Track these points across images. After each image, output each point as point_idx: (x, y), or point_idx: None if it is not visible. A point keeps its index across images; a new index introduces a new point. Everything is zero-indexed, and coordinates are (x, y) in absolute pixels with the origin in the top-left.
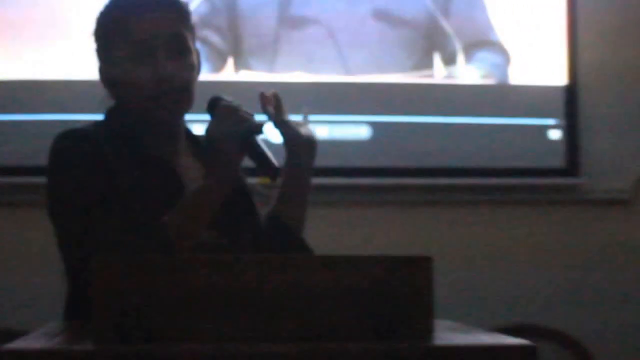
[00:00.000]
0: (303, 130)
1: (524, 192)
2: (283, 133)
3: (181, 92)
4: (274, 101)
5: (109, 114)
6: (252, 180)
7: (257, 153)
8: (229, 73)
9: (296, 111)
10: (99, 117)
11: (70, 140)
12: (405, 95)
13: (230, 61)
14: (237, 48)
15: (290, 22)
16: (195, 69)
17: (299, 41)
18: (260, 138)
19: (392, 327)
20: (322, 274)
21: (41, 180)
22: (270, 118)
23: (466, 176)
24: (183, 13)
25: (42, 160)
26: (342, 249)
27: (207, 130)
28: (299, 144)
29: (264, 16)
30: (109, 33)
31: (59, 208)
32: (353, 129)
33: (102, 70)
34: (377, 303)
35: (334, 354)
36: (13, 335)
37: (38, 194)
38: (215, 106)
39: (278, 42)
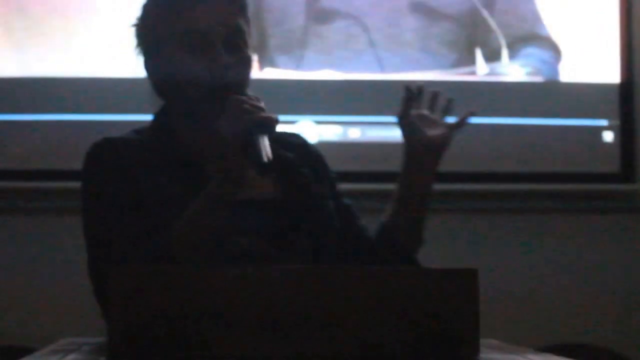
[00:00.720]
0: (433, 131)
1: (574, 199)
2: (402, 131)
3: (238, 88)
4: (411, 93)
5: (157, 116)
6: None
7: (249, 145)
8: (253, 71)
9: (325, 112)
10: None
11: (99, 149)
12: (444, 94)
13: (254, 58)
14: (261, 44)
15: (319, 15)
16: (251, 64)
17: (328, 36)
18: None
19: (436, 346)
20: (360, 288)
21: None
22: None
23: (511, 182)
24: (242, 4)
25: (65, 164)
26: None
27: (213, 127)
28: (415, 147)
29: (290, 9)
30: (159, 23)
31: (83, 217)
32: (388, 131)
33: (149, 66)
34: (418, 320)
35: None
36: (17, 351)
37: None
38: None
39: (306, 37)
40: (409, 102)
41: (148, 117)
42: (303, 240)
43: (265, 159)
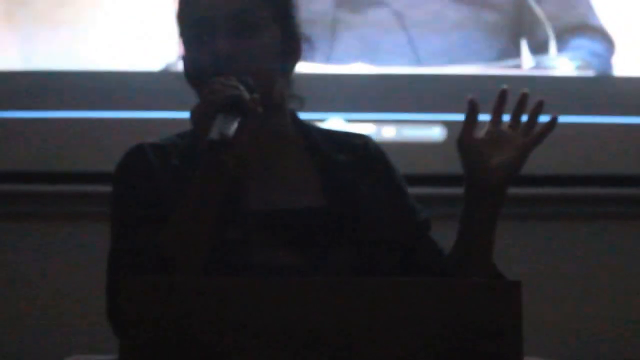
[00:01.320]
0: (501, 154)
1: (630, 204)
2: (461, 157)
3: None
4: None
5: None
6: None
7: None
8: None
9: (357, 109)
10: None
11: (130, 155)
12: (487, 89)
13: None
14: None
15: (350, 4)
16: (271, 50)
17: (360, 26)
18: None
19: None
20: (392, 301)
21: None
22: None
23: (558, 185)
24: None
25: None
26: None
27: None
28: (474, 177)
29: None
30: (179, 13)
31: (111, 222)
32: (425, 129)
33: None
34: (456, 337)
35: None
36: None
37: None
38: None
39: (336, 27)
40: (469, 119)
41: (167, 114)
42: (342, 255)
43: (216, 137)
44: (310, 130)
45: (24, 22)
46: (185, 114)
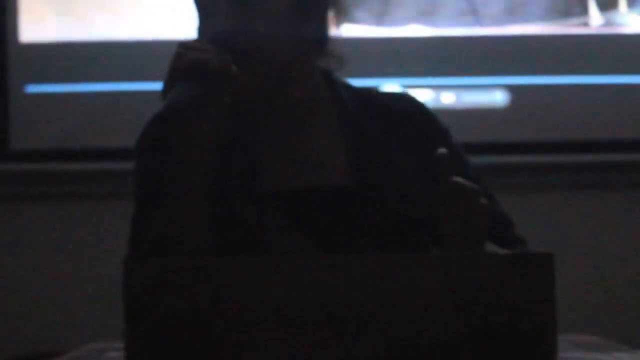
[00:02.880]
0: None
1: None
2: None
3: (252, 53)
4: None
5: None
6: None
7: None
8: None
9: (414, 74)
10: None
11: (150, 127)
12: (552, 50)
13: (330, 13)
14: None
15: None
16: (279, 15)
17: None
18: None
19: (505, 344)
20: (418, 279)
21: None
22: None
23: (630, 151)
24: None
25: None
26: None
27: None
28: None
29: None
30: None
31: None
32: (486, 94)
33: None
34: (485, 314)
35: None
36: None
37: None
38: None
39: None
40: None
41: None
42: (365, 239)
43: (166, 107)
44: (343, 94)
45: None
46: None
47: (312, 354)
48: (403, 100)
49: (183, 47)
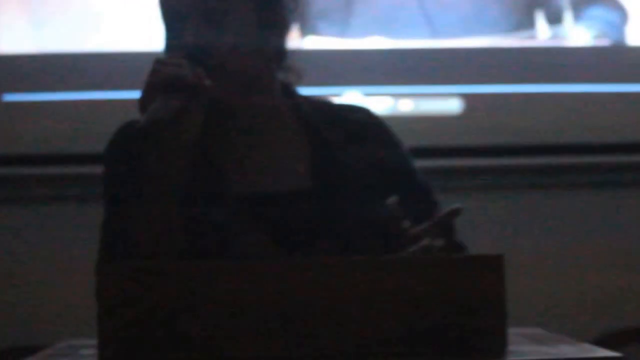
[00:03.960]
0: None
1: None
2: None
3: (220, 67)
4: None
5: None
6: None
7: None
8: (293, 39)
9: (373, 83)
10: None
11: (120, 132)
12: (503, 60)
13: (294, 25)
14: (301, 10)
15: None
16: (242, 30)
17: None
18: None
19: (458, 340)
20: (376, 279)
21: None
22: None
23: (575, 154)
24: None
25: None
26: None
27: None
28: None
29: None
30: (159, 4)
31: (104, 201)
32: (442, 102)
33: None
34: (438, 312)
35: None
36: (21, 351)
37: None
38: None
39: (351, 1)
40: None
41: None
42: (325, 240)
43: (147, 121)
44: (302, 105)
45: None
46: None
47: (275, 351)
48: (358, 111)
49: (159, 62)
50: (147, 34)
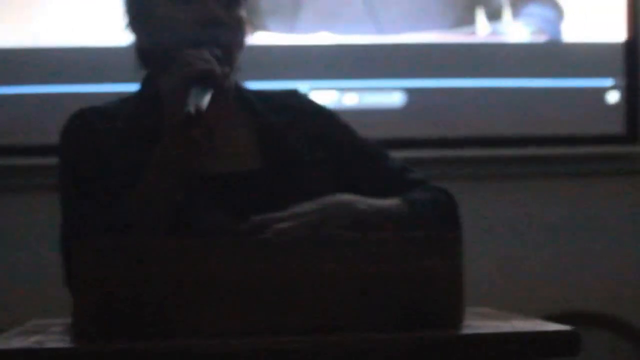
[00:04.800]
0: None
1: (578, 162)
2: None
3: (228, 45)
4: None
5: (143, 85)
6: None
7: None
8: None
9: (320, 77)
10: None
11: (75, 121)
12: (444, 56)
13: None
14: (251, 7)
15: None
16: (244, 26)
17: None
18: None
19: (416, 315)
20: (333, 256)
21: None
22: None
23: (513, 146)
24: None
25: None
26: None
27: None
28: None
29: None
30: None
31: (59, 194)
32: (385, 96)
33: (136, 27)
34: (398, 288)
35: (351, 348)
36: None
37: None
38: None
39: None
40: None
41: (126, 87)
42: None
43: (192, 110)
44: (246, 94)
45: None
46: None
47: (238, 324)
48: (295, 96)
49: (192, 56)
50: (96, 30)
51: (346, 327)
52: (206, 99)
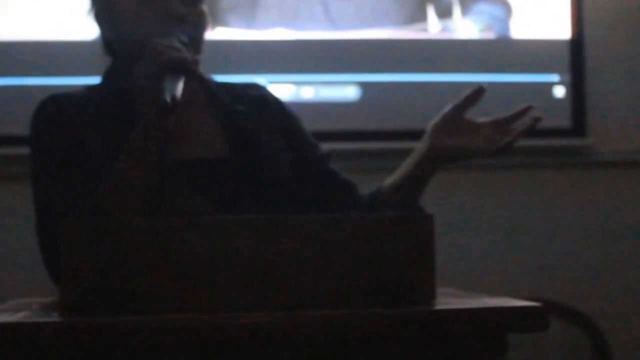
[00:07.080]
0: (466, 138)
1: (526, 154)
2: (430, 133)
3: (192, 40)
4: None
5: (106, 75)
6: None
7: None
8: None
9: (278, 71)
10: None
11: (45, 107)
12: (397, 51)
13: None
14: (212, 3)
15: None
16: (207, 20)
17: None
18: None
19: (390, 292)
20: (315, 236)
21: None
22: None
23: None
24: None
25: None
26: None
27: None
28: (441, 155)
29: None
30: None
31: (31, 177)
32: (340, 90)
33: (102, 20)
34: (373, 265)
35: (328, 323)
36: None
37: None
38: None
39: None
40: (464, 104)
41: (91, 80)
42: (249, 199)
43: (168, 99)
44: (210, 85)
45: None
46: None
47: (222, 301)
48: (254, 88)
49: (162, 45)
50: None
51: (322, 305)
52: (179, 87)
